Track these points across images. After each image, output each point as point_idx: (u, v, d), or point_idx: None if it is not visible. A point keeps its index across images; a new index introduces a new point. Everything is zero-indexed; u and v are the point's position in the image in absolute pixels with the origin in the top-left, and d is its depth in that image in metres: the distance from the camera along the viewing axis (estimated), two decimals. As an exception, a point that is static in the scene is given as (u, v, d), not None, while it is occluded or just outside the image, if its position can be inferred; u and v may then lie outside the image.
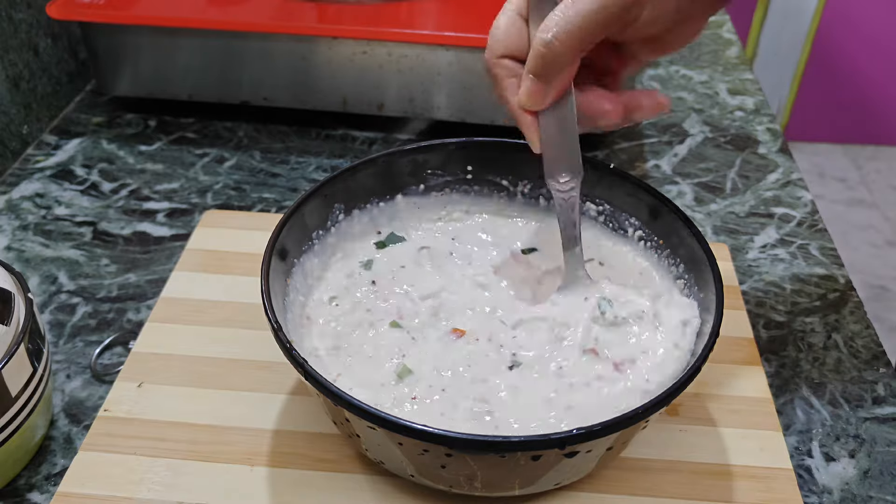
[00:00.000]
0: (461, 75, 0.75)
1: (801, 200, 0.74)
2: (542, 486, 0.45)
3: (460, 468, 0.42)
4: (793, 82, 2.21)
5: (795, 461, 0.51)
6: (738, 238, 0.69)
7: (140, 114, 0.83)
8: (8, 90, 0.75)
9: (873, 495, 0.50)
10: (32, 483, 0.49)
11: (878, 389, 0.56)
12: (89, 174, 0.75)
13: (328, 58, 0.75)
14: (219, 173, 0.75)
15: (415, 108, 0.78)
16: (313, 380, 0.41)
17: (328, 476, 0.48)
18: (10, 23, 0.74)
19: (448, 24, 0.74)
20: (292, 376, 0.53)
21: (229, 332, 0.57)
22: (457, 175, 0.58)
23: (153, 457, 0.49)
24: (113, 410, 0.52)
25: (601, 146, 0.79)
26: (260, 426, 0.51)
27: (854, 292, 0.64)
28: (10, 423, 0.46)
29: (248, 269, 0.61)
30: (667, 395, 0.41)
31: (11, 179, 0.74)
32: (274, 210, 0.71)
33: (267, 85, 0.78)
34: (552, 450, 0.40)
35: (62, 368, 0.56)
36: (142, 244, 0.67)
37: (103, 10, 0.74)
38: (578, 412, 0.45)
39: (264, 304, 0.45)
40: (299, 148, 0.79)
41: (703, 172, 0.77)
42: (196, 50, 0.76)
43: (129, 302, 0.61)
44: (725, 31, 1.01)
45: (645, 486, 0.48)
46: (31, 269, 0.64)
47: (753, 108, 0.87)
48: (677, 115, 0.85)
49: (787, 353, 0.59)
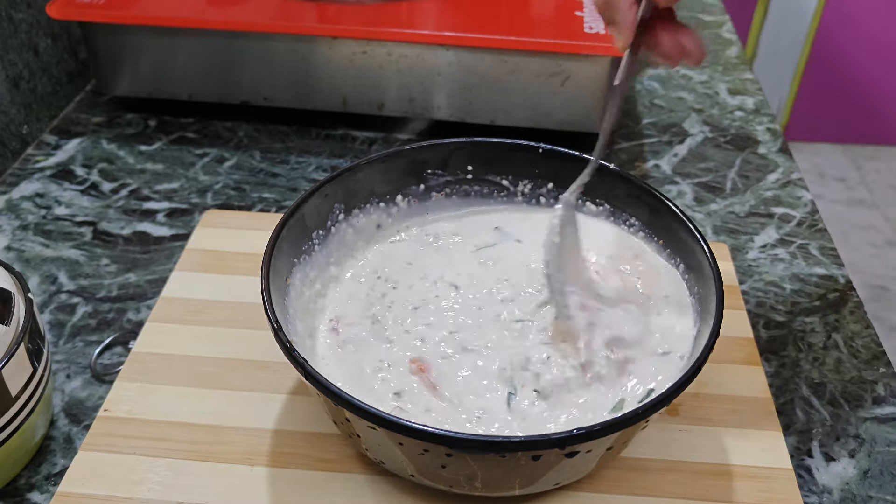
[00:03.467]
0: (461, 75, 0.75)
1: (801, 200, 0.74)
2: (542, 486, 0.45)
3: (460, 468, 0.42)
4: (793, 82, 2.21)
5: (795, 461, 0.51)
6: (738, 238, 0.69)
7: (140, 114, 0.83)
8: (8, 90, 0.75)
9: (873, 495, 0.50)
10: (32, 483, 0.49)
11: (878, 389, 0.56)
12: (89, 174, 0.75)
13: (328, 58, 0.75)
14: (219, 173, 0.75)
15: (415, 108, 0.78)
16: (313, 380, 0.41)
17: (328, 476, 0.48)
18: (10, 23, 0.74)
19: (448, 24, 0.74)
20: (292, 376, 0.53)
21: (229, 332, 0.57)
22: (457, 175, 0.58)
23: (153, 457, 0.49)
24: (113, 410, 0.52)
25: (601, 146, 0.79)
26: (260, 426, 0.51)
27: (854, 292, 0.64)
28: (10, 423, 0.46)
29: (248, 269, 0.61)
30: (667, 395, 0.41)
31: (11, 179, 0.74)
32: (274, 210, 0.71)
33: (267, 85, 0.78)
34: (552, 450, 0.40)
35: (62, 368, 0.56)
36: (142, 244, 0.67)
37: (103, 10, 0.74)
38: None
39: (264, 304, 0.45)
40: (299, 148, 0.79)
41: (703, 172, 0.77)
42: (196, 50, 0.76)
43: (129, 302, 0.61)
44: (725, 31, 1.01)
45: (645, 486, 0.48)
46: (31, 269, 0.64)
47: (753, 108, 0.87)
48: (677, 115, 0.85)
49: (787, 353, 0.59)
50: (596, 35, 0.72)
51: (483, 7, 0.76)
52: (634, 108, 0.86)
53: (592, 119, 0.75)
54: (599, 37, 0.71)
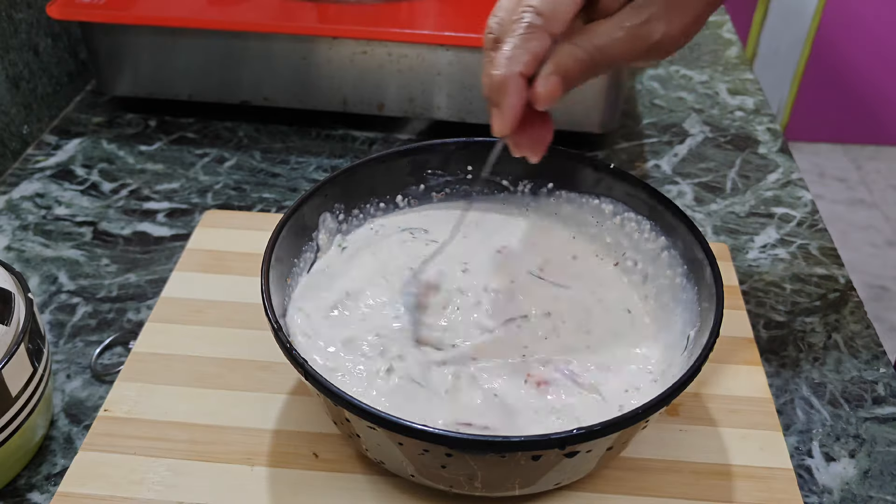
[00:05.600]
0: (461, 75, 0.75)
1: (801, 200, 0.74)
2: (542, 485, 0.45)
3: (460, 468, 0.42)
4: (793, 82, 2.21)
5: (795, 461, 0.51)
6: (738, 238, 0.69)
7: (140, 114, 0.83)
8: (8, 90, 0.75)
9: (873, 495, 0.50)
10: (32, 483, 0.49)
11: (878, 389, 0.56)
12: (89, 174, 0.75)
13: (328, 58, 0.75)
14: (219, 173, 0.75)
15: (415, 108, 0.78)
16: (313, 380, 0.41)
17: (328, 476, 0.48)
18: (10, 23, 0.74)
19: (448, 24, 0.74)
20: (292, 376, 0.53)
21: (229, 332, 0.57)
22: (457, 175, 0.58)
23: (153, 457, 0.49)
24: (113, 410, 0.52)
25: (601, 146, 0.79)
26: (260, 426, 0.51)
27: (854, 292, 0.64)
28: (10, 423, 0.46)
29: (248, 269, 0.61)
30: (667, 395, 0.41)
31: (11, 179, 0.74)
32: (274, 210, 0.71)
33: (267, 85, 0.78)
34: (552, 450, 0.40)
35: (62, 368, 0.56)
36: (142, 244, 0.67)
37: (103, 10, 0.74)
38: None
39: (264, 304, 0.45)
40: (299, 148, 0.79)
41: (703, 172, 0.77)
42: (196, 50, 0.76)
43: (129, 302, 0.61)
44: (725, 31, 1.01)
45: (645, 486, 0.48)
46: (31, 269, 0.64)
47: (753, 108, 0.87)
48: (677, 115, 0.85)
49: (787, 353, 0.59)
50: (596, 35, 0.72)
51: (483, 7, 0.76)
52: (634, 108, 0.86)
53: (592, 119, 0.75)
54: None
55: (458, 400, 0.46)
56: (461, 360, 0.48)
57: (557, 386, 0.47)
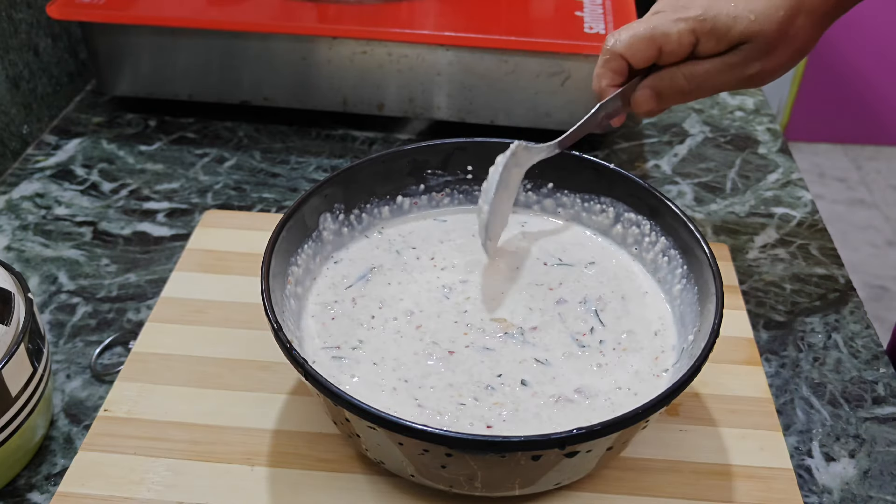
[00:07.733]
0: (461, 75, 0.75)
1: (801, 200, 0.74)
2: (542, 485, 0.45)
3: (460, 468, 0.42)
4: (793, 82, 2.21)
5: (795, 461, 0.51)
6: (738, 238, 0.69)
7: (140, 114, 0.83)
8: (8, 90, 0.75)
9: (873, 495, 0.50)
10: (32, 483, 0.49)
11: (878, 389, 0.56)
12: (89, 174, 0.75)
13: (328, 58, 0.75)
14: (219, 173, 0.75)
15: (415, 108, 0.78)
16: (313, 380, 0.41)
17: (328, 476, 0.48)
18: (10, 23, 0.74)
19: (448, 24, 0.74)
20: (292, 376, 0.53)
21: (229, 332, 0.57)
22: (457, 175, 0.58)
23: (153, 457, 0.49)
24: (113, 410, 0.52)
25: (601, 146, 0.79)
26: (260, 426, 0.51)
27: (854, 292, 0.64)
28: (10, 423, 0.46)
29: (248, 269, 0.61)
30: (667, 395, 0.41)
31: (11, 179, 0.74)
32: (274, 210, 0.71)
33: (267, 85, 0.78)
34: (552, 450, 0.40)
35: (62, 368, 0.56)
36: (142, 244, 0.67)
37: (103, 10, 0.74)
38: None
39: (264, 304, 0.45)
40: (299, 148, 0.79)
41: (703, 172, 0.77)
42: (196, 50, 0.76)
43: (129, 302, 0.61)
44: (725, 31, 1.01)
45: (645, 486, 0.48)
46: (31, 269, 0.64)
47: (753, 108, 0.87)
48: (677, 115, 0.85)
49: (787, 353, 0.59)
50: (596, 35, 0.72)
51: (483, 7, 0.76)
52: (634, 108, 0.86)
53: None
54: (599, 37, 0.71)
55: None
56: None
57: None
